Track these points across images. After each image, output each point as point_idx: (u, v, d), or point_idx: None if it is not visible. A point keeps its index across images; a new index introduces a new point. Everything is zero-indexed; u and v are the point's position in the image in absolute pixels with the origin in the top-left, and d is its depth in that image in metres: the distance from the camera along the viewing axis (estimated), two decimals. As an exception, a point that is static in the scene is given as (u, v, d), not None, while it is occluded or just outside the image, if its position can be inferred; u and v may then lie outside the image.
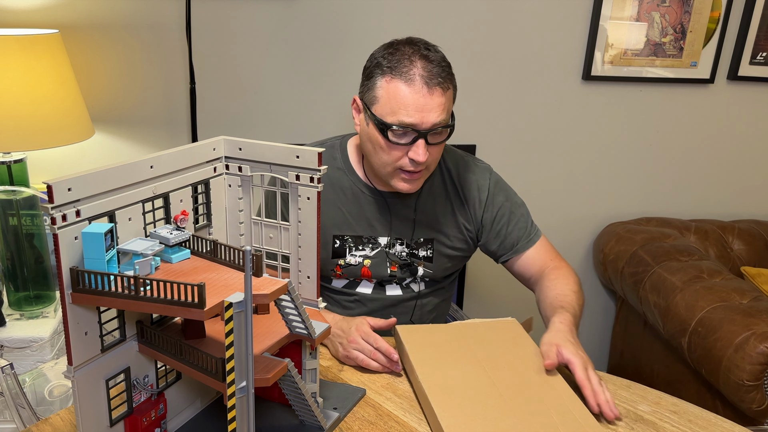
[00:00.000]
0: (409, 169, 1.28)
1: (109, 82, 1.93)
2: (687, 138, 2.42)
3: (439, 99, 1.23)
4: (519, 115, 2.27)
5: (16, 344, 1.55)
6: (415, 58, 1.23)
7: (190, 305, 0.77)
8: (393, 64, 1.23)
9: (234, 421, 0.78)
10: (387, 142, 1.26)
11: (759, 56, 2.34)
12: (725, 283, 1.93)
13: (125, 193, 0.85)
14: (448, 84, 1.25)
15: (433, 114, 1.23)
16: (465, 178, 1.46)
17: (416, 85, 1.21)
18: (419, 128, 1.23)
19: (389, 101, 1.23)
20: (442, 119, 1.25)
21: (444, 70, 1.24)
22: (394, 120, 1.23)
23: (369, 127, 1.29)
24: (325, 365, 1.22)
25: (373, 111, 1.26)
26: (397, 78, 1.22)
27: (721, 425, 1.09)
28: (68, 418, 1.05)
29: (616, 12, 2.19)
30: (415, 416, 1.08)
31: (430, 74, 1.22)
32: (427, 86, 1.22)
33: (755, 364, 1.67)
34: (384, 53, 1.26)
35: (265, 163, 0.99)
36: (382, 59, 1.26)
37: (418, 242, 1.43)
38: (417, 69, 1.22)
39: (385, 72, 1.24)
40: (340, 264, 1.42)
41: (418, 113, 1.22)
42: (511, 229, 1.46)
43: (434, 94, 1.22)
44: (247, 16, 1.97)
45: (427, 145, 1.25)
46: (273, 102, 2.06)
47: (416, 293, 1.46)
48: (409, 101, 1.21)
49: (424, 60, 1.23)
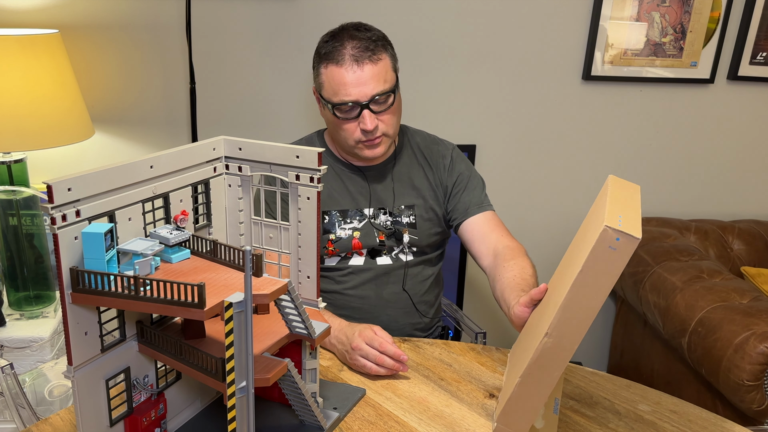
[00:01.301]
0: (364, 138, 1.40)
1: (109, 82, 1.93)
2: (687, 138, 2.42)
3: (370, 71, 1.35)
4: (519, 115, 2.27)
5: (16, 344, 1.55)
6: (345, 40, 1.37)
7: (190, 305, 0.77)
8: (327, 50, 1.38)
9: (234, 421, 0.78)
10: (339, 120, 1.40)
11: (759, 56, 2.34)
12: (725, 283, 1.93)
13: (125, 193, 0.86)
14: (378, 56, 1.37)
15: (368, 86, 1.35)
16: (431, 149, 1.58)
17: (346, 63, 1.35)
18: (360, 101, 1.36)
19: (330, 84, 1.37)
20: (380, 89, 1.36)
21: (372, 43, 1.37)
22: (338, 99, 1.37)
23: (325, 110, 1.44)
24: (325, 365, 1.22)
25: (323, 96, 1.41)
26: (331, 62, 1.36)
27: (721, 425, 1.09)
28: (68, 418, 1.05)
29: (616, 12, 2.19)
30: (415, 416, 1.08)
31: (359, 50, 1.35)
32: (357, 62, 1.35)
33: (755, 364, 1.67)
34: (321, 44, 1.42)
35: (265, 163, 0.99)
36: (320, 49, 1.41)
37: (400, 209, 1.52)
38: (347, 50, 1.35)
39: (322, 59, 1.39)
40: (332, 239, 1.48)
41: (355, 88, 1.35)
42: (466, 195, 1.54)
43: (364, 68, 1.35)
44: (247, 16, 1.97)
45: (374, 113, 1.38)
46: (273, 102, 2.06)
47: (405, 262, 1.52)
48: (346, 80, 1.35)
49: (352, 39, 1.36)
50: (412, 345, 1.32)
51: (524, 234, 2.40)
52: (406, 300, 1.52)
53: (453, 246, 1.91)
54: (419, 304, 1.54)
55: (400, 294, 1.51)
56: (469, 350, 1.31)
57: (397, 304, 1.52)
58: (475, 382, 1.19)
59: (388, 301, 1.51)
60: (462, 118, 2.23)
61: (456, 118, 2.21)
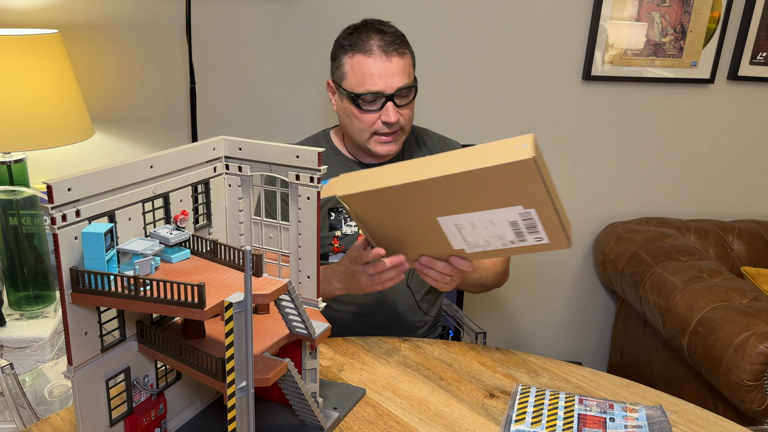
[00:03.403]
0: (384, 131, 1.42)
1: (109, 82, 1.93)
2: (687, 138, 2.42)
3: (398, 64, 1.38)
4: (519, 115, 2.27)
5: (16, 344, 1.55)
6: (371, 33, 1.39)
7: (190, 305, 0.77)
8: (353, 41, 1.40)
9: (234, 421, 0.78)
10: (360, 111, 1.40)
11: (759, 56, 2.34)
12: (725, 283, 1.93)
13: (125, 193, 0.86)
14: (404, 50, 1.41)
15: (395, 78, 1.38)
16: (438, 147, 1.60)
17: (375, 54, 1.37)
18: (385, 92, 1.38)
19: (355, 74, 1.39)
20: (405, 82, 1.40)
21: (398, 38, 1.40)
22: (363, 89, 1.38)
23: (343, 102, 1.44)
24: (325, 365, 1.23)
25: (343, 87, 1.42)
26: (359, 52, 1.38)
27: (721, 425, 1.09)
28: (68, 418, 1.05)
29: (616, 12, 2.19)
30: (415, 416, 1.08)
31: (387, 44, 1.38)
32: (385, 54, 1.37)
33: (755, 364, 1.67)
34: (344, 36, 1.44)
35: (265, 163, 0.99)
36: (343, 41, 1.43)
37: None
38: (374, 41, 1.38)
39: (347, 50, 1.40)
40: (338, 236, 1.49)
41: (382, 80, 1.37)
42: None
43: (392, 60, 1.38)
44: (247, 16, 1.97)
45: (396, 107, 1.40)
46: (273, 102, 2.06)
47: None
48: (373, 70, 1.37)
49: (379, 33, 1.39)
50: (412, 345, 1.32)
51: (524, 234, 2.39)
52: (409, 297, 1.53)
53: (453, 246, 1.91)
54: (422, 303, 1.54)
55: (403, 291, 1.51)
56: (469, 350, 1.31)
57: (400, 302, 1.52)
58: (475, 382, 1.19)
59: (391, 298, 1.51)
60: (462, 117, 2.23)
61: (456, 118, 2.21)
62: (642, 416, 1.08)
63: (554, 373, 1.23)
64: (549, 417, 1.07)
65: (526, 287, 2.48)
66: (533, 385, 1.18)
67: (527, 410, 1.09)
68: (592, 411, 1.09)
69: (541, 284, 2.49)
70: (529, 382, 1.19)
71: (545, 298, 2.52)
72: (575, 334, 2.59)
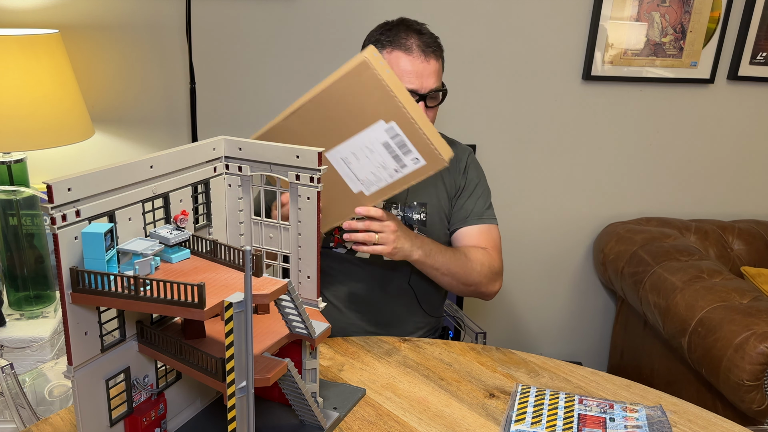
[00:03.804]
0: None
1: (109, 82, 1.93)
2: (687, 138, 2.42)
3: (434, 66, 1.39)
4: (519, 115, 2.27)
5: (16, 344, 1.55)
6: (410, 32, 1.40)
7: (190, 305, 0.77)
8: (391, 38, 1.40)
9: (234, 421, 0.78)
10: None
11: (759, 56, 2.34)
12: (725, 283, 1.93)
13: (125, 193, 0.86)
14: (440, 53, 1.42)
15: (430, 79, 1.39)
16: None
17: (414, 53, 1.37)
18: (420, 91, 1.38)
19: (393, 70, 1.34)
20: (437, 85, 1.41)
21: (435, 41, 1.42)
22: None
23: None
24: (325, 365, 1.23)
25: None
26: (398, 49, 1.38)
27: (721, 425, 1.09)
28: (68, 418, 1.05)
29: (616, 12, 2.19)
30: (415, 416, 1.08)
31: (426, 44, 1.39)
32: (424, 54, 1.38)
33: (755, 364, 1.67)
34: (381, 31, 1.43)
35: (265, 163, 0.99)
36: (380, 36, 1.42)
37: (412, 206, 1.51)
38: (413, 40, 1.38)
39: (385, 45, 1.40)
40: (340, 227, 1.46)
41: (418, 79, 1.37)
42: (471, 203, 1.54)
43: (430, 61, 1.38)
44: (247, 16, 1.97)
45: (426, 107, 1.40)
46: (273, 102, 2.06)
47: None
48: (410, 68, 1.37)
49: (418, 33, 1.40)
50: (412, 345, 1.32)
51: (523, 233, 2.40)
52: (411, 296, 1.52)
53: (453, 246, 1.91)
54: (423, 302, 1.54)
55: (405, 289, 1.51)
56: (469, 350, 1.31)
57: (401, 300, 1.52)
58: (475, 382, 1.19)
59: (393, 296, 1.51)
60: (462, 118, 2.23)
61: (456, 118, 2.21)
62: (642, 416, 1.08)
63: (554, 373, 1.23)
64: (549, 417, 1.07)
65: (526, 287, 2.48)
66: (533, 385, 1.18)
67: (527, 410, 1.09)
68: (592, 411, 1.09)
69: (541, 284, 2.49)
70: (529, 382, 1.19)
71: (545, 298, 2.52)
72: (575, 334, 2.59)
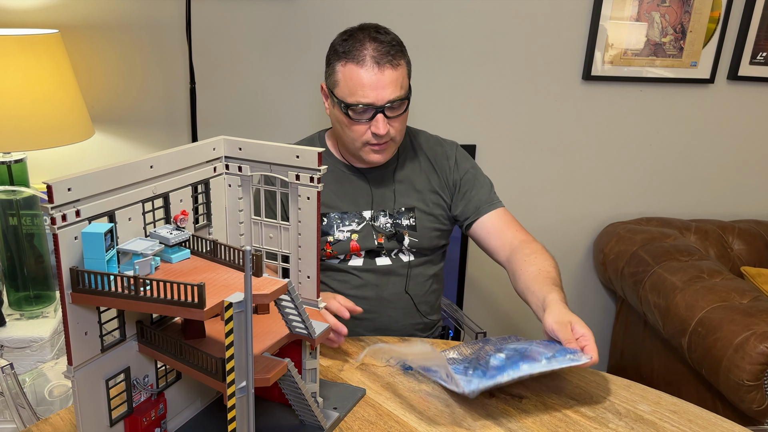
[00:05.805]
0: (374, 142, 1.40)
1: (109, 82, 1.93)
2: (687, 138, 2.42)
3: (390, 76, 1.34)
4: (519, 115, 2.27)
5: (16, 344, 1.55)
6: (366, 41, 1.35)
7: (190, 305, 0.77)
8: (347, 48, 1.36)
9: (234, 421, 0.78)
10: (350, 121, 1.38)
11: (759, 56, 2.34)
12: (725, 283, 1.93)
13: (125, 193, 0.86)
14: (399, 61, 1.37)
15: (386, 90, 1.34)
16: (435, 150, 1.57)
17: (367, 65, 1.33)
18: (376, 105, 1.35)
19: (347, 83, 1.35)
20: (396, 95, 1.36)
21: (393, 48, 1.36)
22: (353, 100, 1.35)
23: (335, 108, 1.41)
24: (325, 365, 1.22)
25: (335, 94, 1.39)
26: (351, 61, 1.35)
27: (721, 425, 1.09)
28: (68, 418, 1.05)
29: (616, 12, 2.19)
30: (414, 416, 1.08)
31: (380, 54, 1.34)
32: (378, 65, 1.33)
33: (755, 364, 1.67)
34: (340, 41, 1.39)
35: (265, 163, 0.99)
36: (338, 46, 1.38)
37: (400, 211, 1.51)
38: (368, 51, 1.34)
39: (341, 57, 1.36)
40: (330, 241, 1.48)
41: (373, 91, 1.34)
42: (475, 193, 1.53)
43: (385, 72, 1.34)
44: (247, 16, 1.97)
45: (387, 118, 1.37)
46: (273, 102, 2.06)
47: (406, 263, 1.51)
48: (364, 81, 1.33)
49: (374, 42, 1.35)
50: (412, 345, 1.31)
51: (524, 234, 2.39)
52: (408, 301, 1.52)
53: (453, 246, 1.91)
54: (420, 305, 1.54)
55: (401, 294, 1.51)
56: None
57: (398, 305, 1.52)
58: (475, 382, 1.19)
59: (389, 302, 1.51)
60: (462, 118, 2.23)
61: (456, 118, 2.21)
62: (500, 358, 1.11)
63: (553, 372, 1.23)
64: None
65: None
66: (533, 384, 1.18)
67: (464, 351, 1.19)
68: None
69: (541, 284, 2.49)
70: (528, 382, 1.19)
71: (545, 298, 2.51)
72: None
